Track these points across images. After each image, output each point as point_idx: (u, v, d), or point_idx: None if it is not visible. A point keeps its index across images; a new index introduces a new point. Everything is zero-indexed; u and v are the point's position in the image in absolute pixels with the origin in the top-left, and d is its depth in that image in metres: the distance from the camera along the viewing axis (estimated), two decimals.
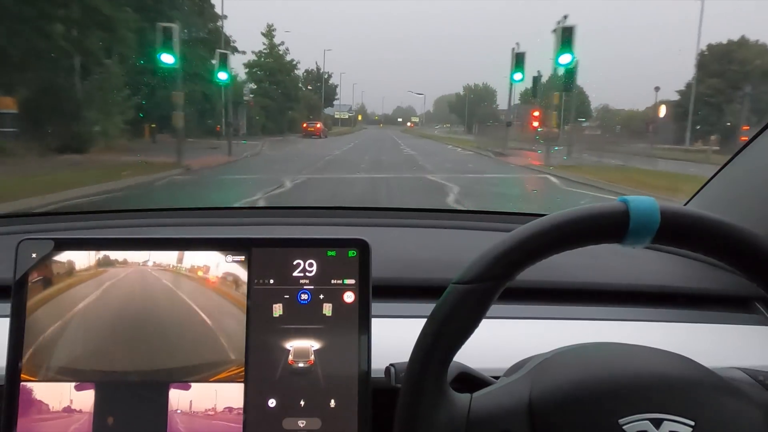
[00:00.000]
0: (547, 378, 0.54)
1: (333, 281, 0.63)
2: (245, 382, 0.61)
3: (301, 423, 0.61)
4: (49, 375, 0.61)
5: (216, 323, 0.62)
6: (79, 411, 0.60)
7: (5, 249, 0.65)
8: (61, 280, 0.62)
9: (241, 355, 0.61)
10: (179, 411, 0.61)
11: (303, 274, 0.63)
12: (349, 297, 0.63)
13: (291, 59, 30.24)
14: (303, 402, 0.61)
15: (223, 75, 16.02)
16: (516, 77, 13.76)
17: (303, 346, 0.62)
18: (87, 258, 0.63)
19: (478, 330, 0.50)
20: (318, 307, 0.63)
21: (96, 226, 1.16)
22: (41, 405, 0.60)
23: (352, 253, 0.63)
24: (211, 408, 0.61)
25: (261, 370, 0.61)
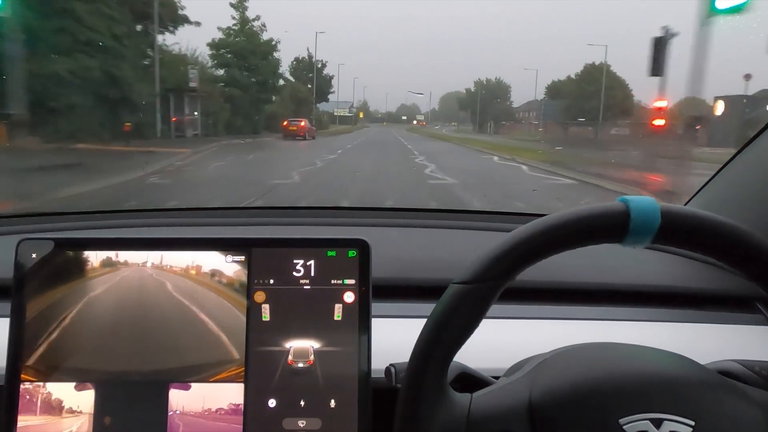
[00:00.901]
0: (548, 378, 0.54)
1: (333, 281, 0.63)
2: (245, 382, 0.61)
3: (301, 423, 0.61)
4: (49, 375, 0.60)
5: (216, 323, 0.62)
6: (79, 411, 0.60)
7: (5, 249, 0.65)
8: (61, 280, 0.62)
9: (241, 356, 0.61)
10: (179, 411, 0.61)
11: (303, 274, 0.63)
12: (349, 297, 0.63)
13: (270, 39, 22.33)
14: (303, 402, 0.61)
15: None
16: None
17: (303, 346, 0.62)
18: (87, 258, 0.63)
19: (478, 330, 0.50)
20: (318, 308, 0.63)
21: (96, 226, 1.15)
22: (41, 405, 0.60)
23: (352, 253, 0.63)
24: (211, 408, 0.61)
25: (261, 370, 0.61)
